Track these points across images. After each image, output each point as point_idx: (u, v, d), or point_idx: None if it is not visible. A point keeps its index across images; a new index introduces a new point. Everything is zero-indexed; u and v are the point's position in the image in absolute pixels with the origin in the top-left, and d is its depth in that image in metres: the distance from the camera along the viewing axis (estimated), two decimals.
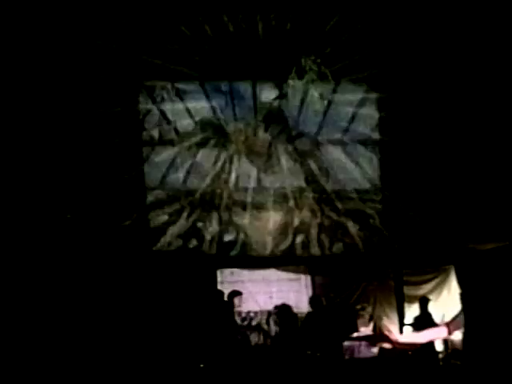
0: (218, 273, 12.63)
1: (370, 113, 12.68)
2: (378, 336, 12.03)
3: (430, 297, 12.57)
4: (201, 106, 12.57)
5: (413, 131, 12.29)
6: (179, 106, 12.52)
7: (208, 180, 12.58)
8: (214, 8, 11.95)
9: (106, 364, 10.44)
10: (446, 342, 11.76)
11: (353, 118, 12.70)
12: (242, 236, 12.56)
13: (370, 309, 12.58)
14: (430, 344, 11.50)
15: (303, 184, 12.74)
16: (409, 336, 11.84)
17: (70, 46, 11.66)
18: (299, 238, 12.66)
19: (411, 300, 12.39)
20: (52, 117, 11.68)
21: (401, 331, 12.33)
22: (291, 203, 12.67)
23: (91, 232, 11.66)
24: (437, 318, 12.01)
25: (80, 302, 11.24)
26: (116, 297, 11.47)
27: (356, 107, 12.68)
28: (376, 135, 12.76)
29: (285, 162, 12.74)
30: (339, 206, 12.68)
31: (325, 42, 12.11)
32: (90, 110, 11.85)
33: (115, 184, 11.93)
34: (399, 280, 12.66)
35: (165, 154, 12.50)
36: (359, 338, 11.74)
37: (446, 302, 12.66)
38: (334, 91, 12.60)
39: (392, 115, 12.50)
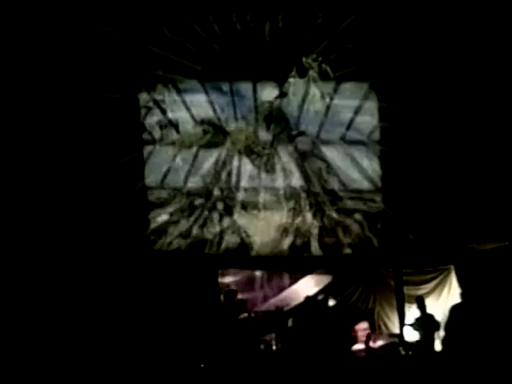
0: None
1: (371, 113, 12.68)
2: None
3: (431, 297, 12.60)
4: (201, 105, 12.56)
5: (413, 131, 12.29)
6: (180, 105, 12.52)
7: (208, 180, 12.57)
8: (214, 8, 11.95)
9: (107, 364, 10.44)
10: None
11: (353, 118, 12.70)
12: (242, 236, 12.56)
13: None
14: (430, 344, 11.51)
15: (303, 184, 12.74)
16: None
17: (70, 46, 11.63)
18: (299, 238, 12.67)
19: (411, 300, 12.39)
20: (51, 116, 11.67)
21: (401, 331, 12.34)
22: (291, 203, 12.68)
23: (91, 232, 11.66)
24: (437, 318, 11.99)
25: (81, 302, 11.24)
26: (117, 296, 11.47)
27: (357, 107, 12.68)
28: (376, 135, 12.76)
29: (285, 161, 12.73)
30: (340, 206, 12.69)
31: (327, 43, 12.12)
32: (91, 109, 11.83)
33: (115, 184, 11.93)
34: (399, 280, 12.67)
35: (165, 154, 12.50)
36: None
37: (446, 301, 12.67)
38: (335, 90, 12.59)
39: (392, 115, 12.50)
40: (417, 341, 11.60)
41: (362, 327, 11.95)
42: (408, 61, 12.12)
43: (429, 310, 11.85)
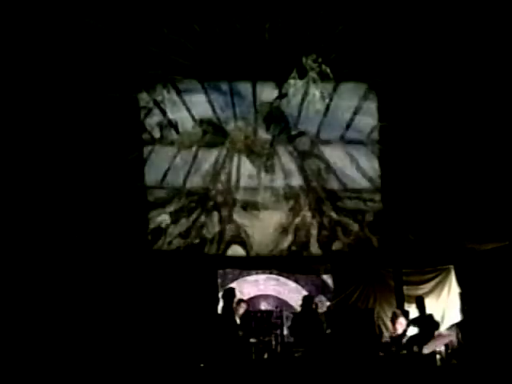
0: None
1: (371, 113, 12.70)
2: None
3: (430, 296, 12.61)
4: (201, 105, 12.56)
5: (413, 131, 12.30)
6: (180, 105, 12.52)
7: (208, 180, 12.57)
8: (213, 8, 11.93)
9: (107, 364, 10.44)
10: None
11: (353, 118, 12.71)
12: (242, 236, 12.57)
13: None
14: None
15: (303, 184, 12.75)
16: None
17: (70, 46, 11.61)
18: (299, 238, 12.67)
19: (411, 300, 12.39)
20: (51, 116, 11.65)
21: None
22: (291, 203, 12.68)
23: (91, 232, 11.65)
24: (437, 318, 12.00)
25: (80, 302, 11.23)
26: (116, 296, 11.46)
27: (356, 107, 12.70)
28: (376, 135, 12.77)
29: (284, 161, 12.74)
30: (339, 205, 12.69)
31: (327, 43, 12.11)
32: (90, 109, 11.82)
33: (115, 184, 11.92)
34: (399, 280, 12.68)
35: (165, 154, 12.49)
36: None
37: (446, 301, 12.69)
38: (335, 91, 12.60)
39: (392, 115, 12.51)
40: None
41: (402, 322, 11.93)
42: (408, 61, 12.13)
43: (429, 310, 11.87)
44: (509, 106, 11.93)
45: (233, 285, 12.73)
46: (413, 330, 11.76)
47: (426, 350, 10.98)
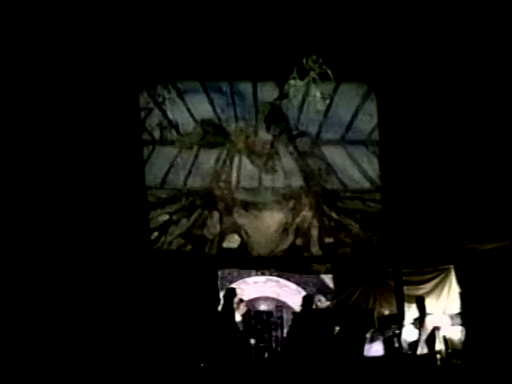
0: None
1: (371, 113, 12.71)
2: None
3: (430, 296, 12.60)
4: (202, 105, 12.58)
5: (413, 131, 12.31)
6: (180, 105, 12.54)
7: (209, 180, 12.58)
8: (214, 8, 11.93)
9: (107, 364, 10.44)
10: (446, 341, 11.75)
11: (353, 118, 12.72)
12: (242, 236, 12.57)
13: None
14: (430, 344, 11.51)
15: (303, 184, 12.76)
16: None
17: (70, 46, 11.63)
18: (299, 238, 12.68)
19: (411, 300, 12.38)
20: (52, 116, 11.67)
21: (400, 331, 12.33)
22: (291, 203, 12.69)
23: (92, 232, 11.65)
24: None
25: (81, 302, 11.23)
26: (116, 296, 11.46)
27: (356, 107, 12.71)
28: (376, 135, 12.78)
29: (285, 161, 12.75)
30: (339, 205, 12.70)
31: (327, 42, 12.10)
32: (91, 109, 11.84)
33: (115, 184, 11.93)
34: (399, 280, 12.66)
35: (165, 154, 12.51)
36: None
37: (446, 301, 12.68)
38: (335, 91, 12.61)
39: (392, 115, 12.52)
40: (415, 340, 11.62)
41: None
42: (408, 61, 12.13)
43: (429, 310, 11.87)
44: (509, 106, 11.92)
45: (232, 286, 12.73)
46: (412, 331, 11.82)
47: (423, 336, 11.07)
